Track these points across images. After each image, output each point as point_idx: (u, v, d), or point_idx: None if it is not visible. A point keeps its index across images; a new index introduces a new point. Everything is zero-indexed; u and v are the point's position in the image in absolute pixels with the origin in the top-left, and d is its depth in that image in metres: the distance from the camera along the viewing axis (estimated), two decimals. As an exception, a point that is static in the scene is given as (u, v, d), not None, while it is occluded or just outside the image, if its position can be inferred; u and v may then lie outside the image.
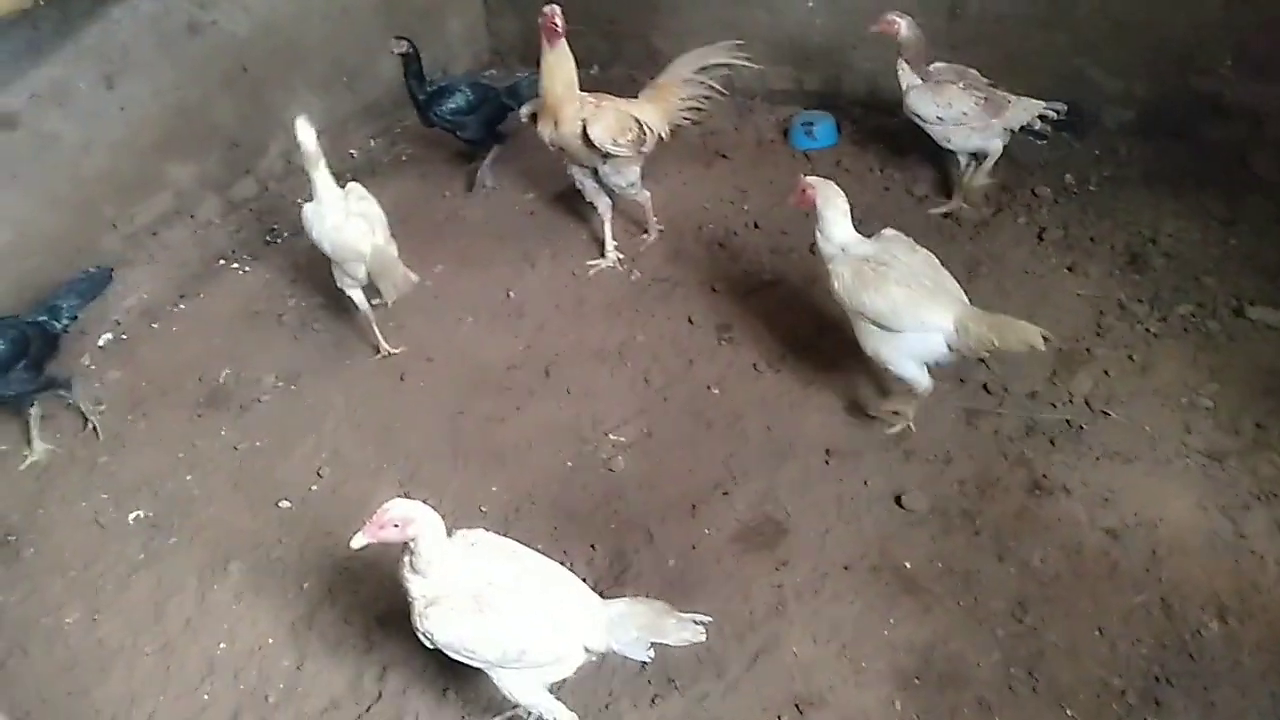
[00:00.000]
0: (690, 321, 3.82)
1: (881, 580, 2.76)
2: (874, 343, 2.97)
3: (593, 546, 2.98)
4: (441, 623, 2.19)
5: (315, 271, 4.32)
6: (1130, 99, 4.28)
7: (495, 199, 4.73)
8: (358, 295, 3.75)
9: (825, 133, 4.67)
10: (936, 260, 3.02)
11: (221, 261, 4.53)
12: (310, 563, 3.06)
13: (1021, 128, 3.91)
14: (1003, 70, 4.40)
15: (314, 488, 3.34)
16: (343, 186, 3.67)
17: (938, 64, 3.99)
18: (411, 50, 4.43)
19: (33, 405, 3.58)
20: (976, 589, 2.70)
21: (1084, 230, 3.94)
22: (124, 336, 4.14)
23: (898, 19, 3.83)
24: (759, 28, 4.87)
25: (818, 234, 3.05)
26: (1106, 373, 3.32)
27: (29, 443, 3.58)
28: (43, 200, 4.14)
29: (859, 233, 3.06)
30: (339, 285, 3.73)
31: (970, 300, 2.97)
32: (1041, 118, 3.87)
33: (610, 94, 3.95)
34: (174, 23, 4.40)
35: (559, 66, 3.73)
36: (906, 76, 3.93)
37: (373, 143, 5.33)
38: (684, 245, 4.24)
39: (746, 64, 4.07)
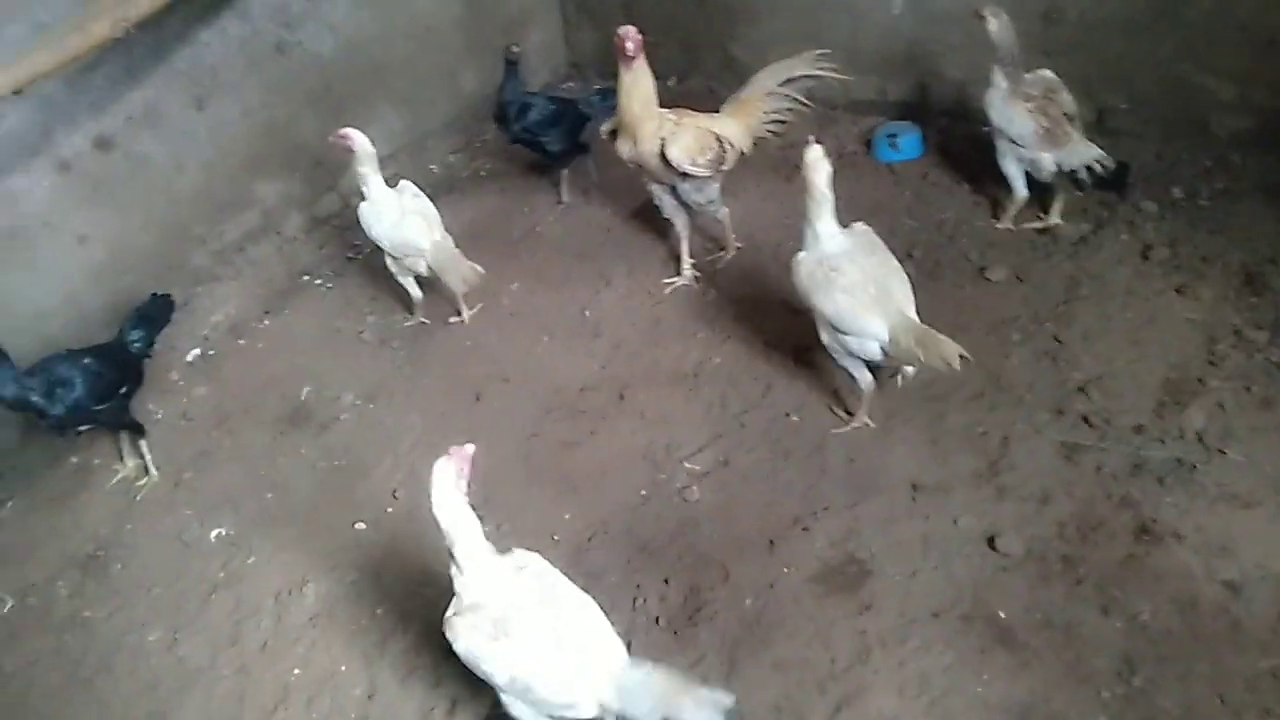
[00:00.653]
0: (768, 344, 3.70)
1: (974, 630, 2.60)
2: (824, 335, 3.15)
3: (666, 581, 2.89)
4: (462, 633, 2.24)
5: (395, 288, 4.36)
6: (1247, 106, 3.99)
7: (572, 215, 4.69)
8: (412, 284, 3.98)
9: (910, 145, 4.49)
10: (894, 263, 3.10)
11: (305, 277, 4.60)
12: (384, 588, 3.06)
13: (1070, 172, 3.73)
14: (1101, 78, 4.19)
15: (390, 510, 3.34)
16: (393, 186, 3.85)
17: (1040, 72, 3.79)
18: (514, 58, 4.43)
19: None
20: (1078, 644, 2.52)
21: (1194, 249, 3.69)
22: (211, 353, 4.23)
23: (986, 13, 3.64)
24: (840, 36, 4.71)
25: (805, 216, 3.09)
26: (1221, 406, 3.09)
27: (120, 457, 3.69)
28: (137, 219, 4.26)
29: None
30: (397, 278, 3.94)
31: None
32: (1089, 169, 3.67)
33: (690, 108, 3.86)
34: (262, 44, 4.49)
35: (635, 85, 3.66)
36: (996, 78, 3.77)
37: (452, 158, 5.35)
38: (762, 263, 4.12)
39: (833, 75, 3.91)
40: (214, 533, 3.38)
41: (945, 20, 4.42)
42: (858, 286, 2.98)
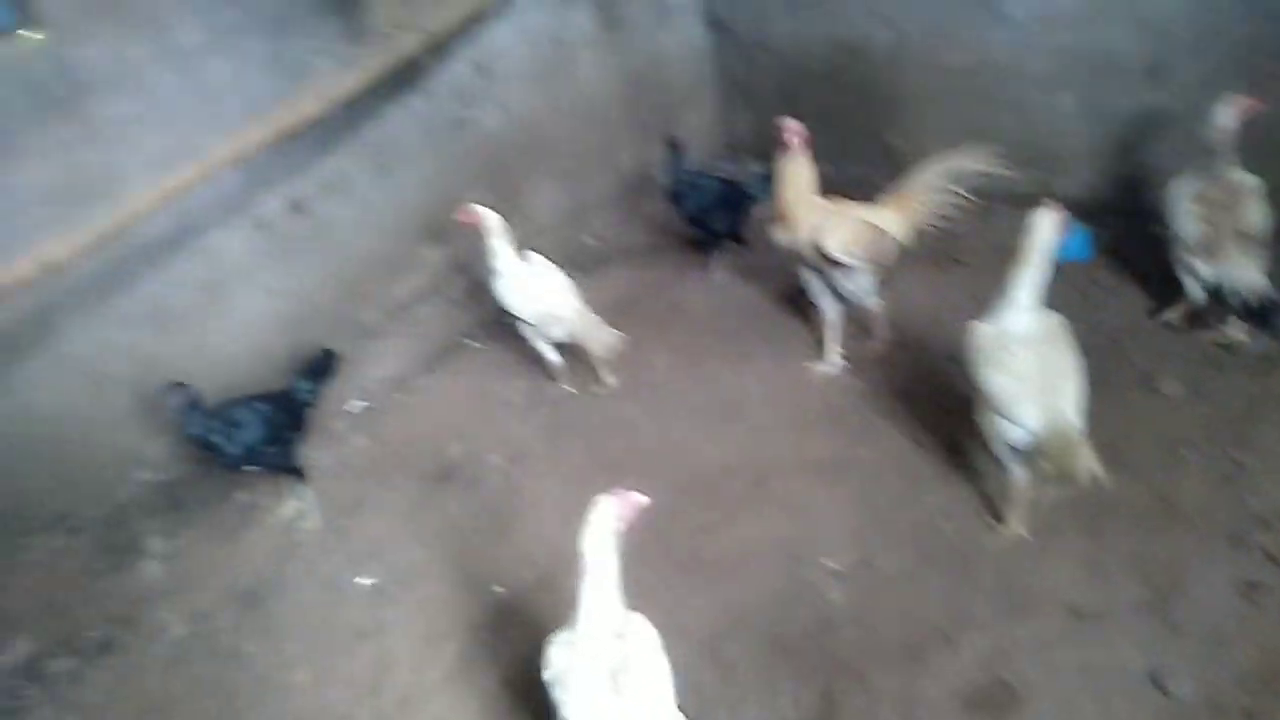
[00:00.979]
0: (918, 442, 3.62)
1: (1135, 778, 2.43)
2: (979, 411, 3.08)
3: (801, 684, 2.83)
4: (547, 658, 2.36)
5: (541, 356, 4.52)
6: None
7: (721, 294, 4.76)
8: (550, 351, 4.17)
9: (1078, 245, 4.34)
10: (1074, 361, 2.93)
11: (464, 339, 4.83)
12: (517, 655, 3.11)
13: (1220, 288, 3.56)
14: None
15: (527, 577, 3.42)
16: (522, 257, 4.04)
17: (1242, 175, 3.59)
18: (675, 139, 4.60)
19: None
20: (1257, 810, 2.31)
21: (1399, 373, 3.40)
22: (372, 406, 4.48)
23: (1234, 106, 3.48)
24: (1006, 130, 4.63)
25: (1005, 282, 2.97)
26: None
27: (280, 499, 3.92)
28: (320, 276, 4.60)
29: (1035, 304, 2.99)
30: (536, 346, 4.11)
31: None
32: (1238, 293, 3.51)
33: (847, 197, 3.88)
34: (441, 120, 4.81)
35: (795, 174, 3.73)
36: (1190, 172, 3.65)
37: (606, 232, 5.54)
38: (914, 357, 4.05)
39: (999, 171, 3.80)
40: (363, 581, 3.54)
41: (1119, 118, 4.30)
42: (1026, 373, 2.88)
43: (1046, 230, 2.89)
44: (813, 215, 3.73)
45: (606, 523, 2.31)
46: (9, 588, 3.82)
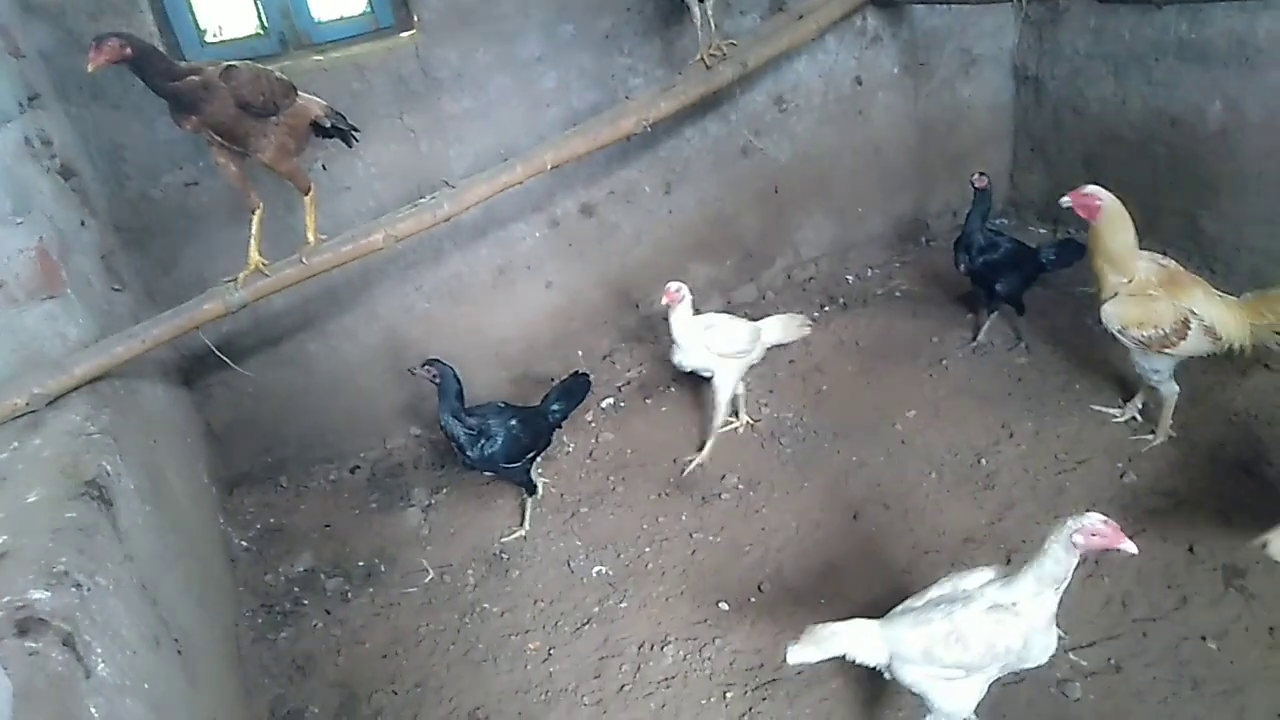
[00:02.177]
0: (1191, 551, 3.33)
1: None
2: None
3: (1028, 776, 2.71)
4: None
5: (791, 388, 4.57)
6: None
7: (983, 357, 4.60)
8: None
9: None
10: None
11: (714, 357, 4.98)
12: (736, 674, 3.19)
13: None
14: None
15: (753, 599, 3.49)
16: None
17: None
18: (986, 188, 4.42)
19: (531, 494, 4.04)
20: None
21: None
22: (622, 404, 4.73)
23: None
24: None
25: None
26: None
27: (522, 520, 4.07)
28: (594, 277, 4.92)
29: None
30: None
31: None
32: None
33: (1195, 274, 3.62)
34: (731, 145, 5.00)
35: (1097, 239, 3.57)
36: None
37: (870, 272, 5.51)
38: (1196, 459, 3.73)
39: None
40: (595, 569, 3.75)
41: None
42: None
43: None
44: (1117, 281, 3.55)
45: (1075, 534, 2.33)
46: (299, 508, 4.39)
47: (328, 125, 3.40)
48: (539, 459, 4.07)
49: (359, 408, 4.63)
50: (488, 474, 3.96)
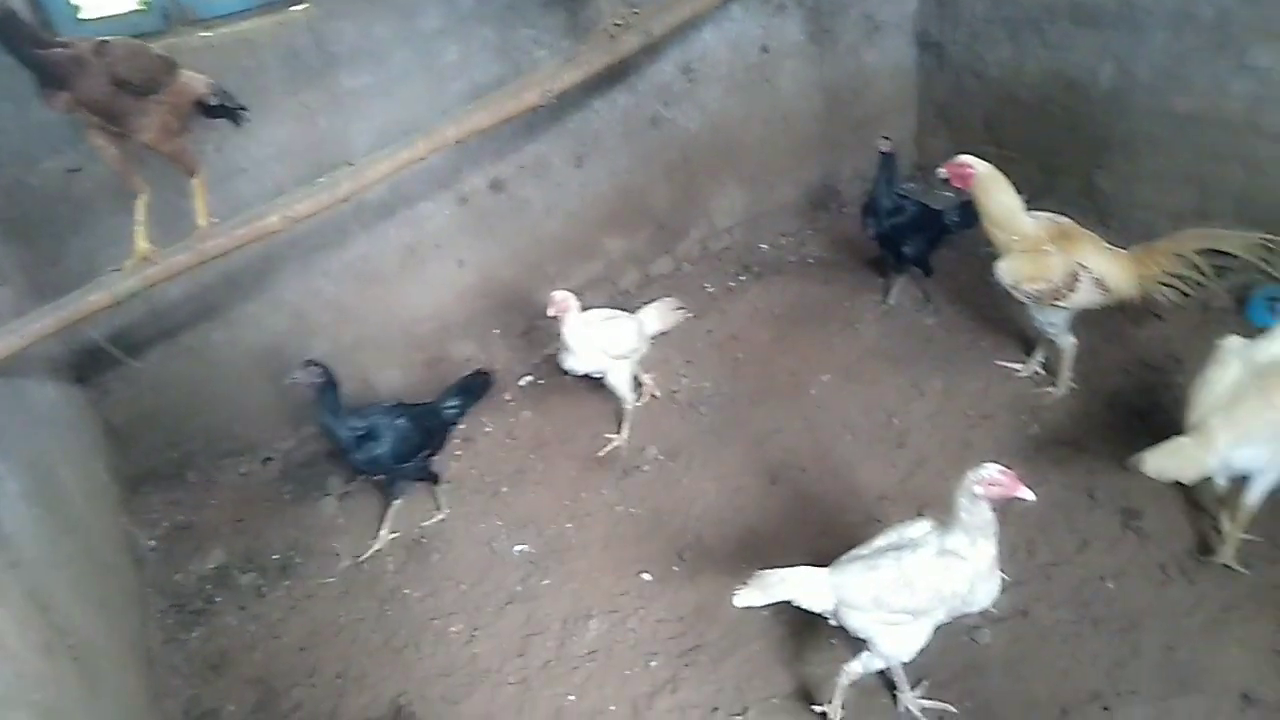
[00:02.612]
0: (1091, 497, 3.47)
1: None
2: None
3: (940, 718, 2.79)
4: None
5: (708, 358, 4.60)
6: None
7: (894, 319, 4.69)
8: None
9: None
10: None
11: (630, 328, 4.97)
12: (660, 643, 3.21)
13: None
14: None
15: (675, 569, 3.51)
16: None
17: None
18: (891, 153, 4.46)
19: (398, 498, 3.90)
20: None
21: None
22: (540, 381, 4.69)
23: None
24: (1230, 183, 4.36)
25: None
26: None
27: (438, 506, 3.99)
28: (506, 252, 4.84)
29: None
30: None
31: None
32: None
33: (1086, 230, 3.72)
34: (640, 116, 4.95)
35: (979, 204, 3.68)
36: None
37: (784, 240, 5.55)
38: (1095, 409, 3.88)
39: (1265, 268, 3.42)
40: (517, 548, 3.73)
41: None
42: (1227, 387, 2.90)
43: None
44: (1007, 239, 3.65)
45: (975, 485, 2.42)
46: (208, 504, 4.25)
47: (214, 104, 3.26)
48: (437, 455, 3.93)
49: (269, 397, 4.47)
50: (378, 477, 3.86)
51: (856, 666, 2.71)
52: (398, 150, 3.52)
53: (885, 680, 2.91)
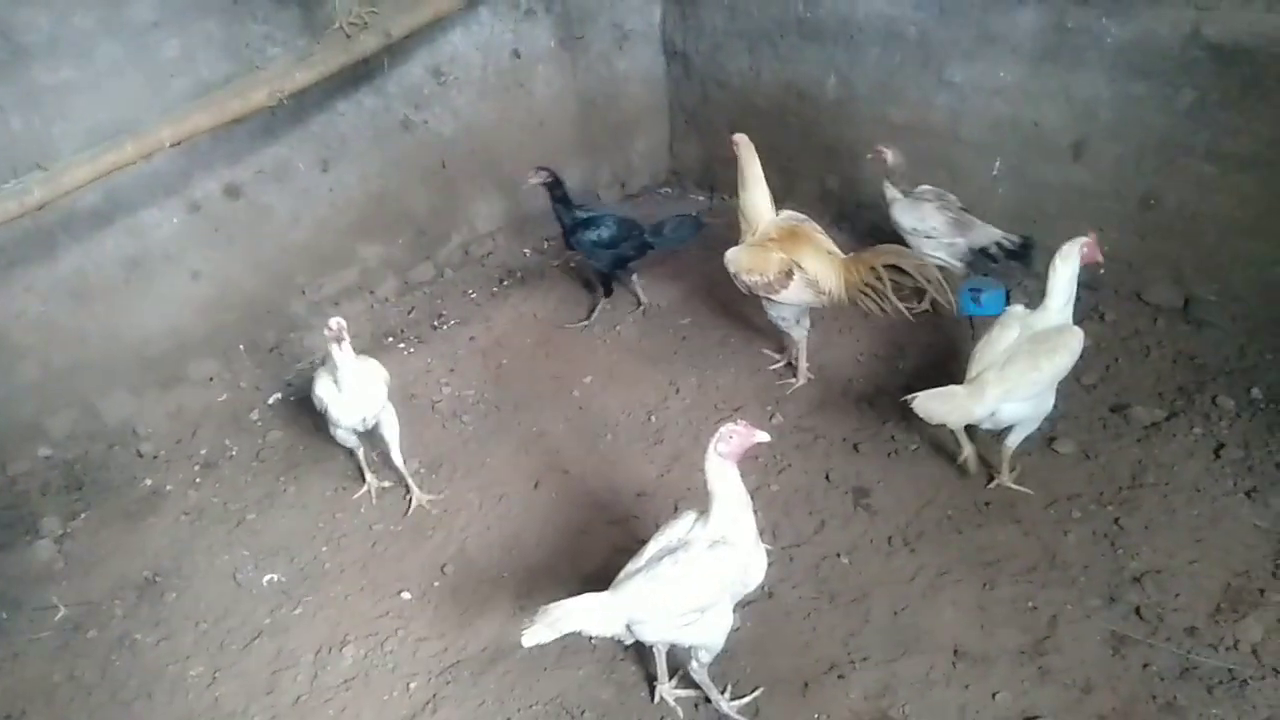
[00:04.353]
0: (827, 479, 3.74)
1: (999, 815, 2.56)
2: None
3: (695, 707, 2.91)
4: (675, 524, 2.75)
5: (470, 365, 4.54)
6: (1339, 319, 3.99)
7: (652, 320, 4.84)
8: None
9: (993, 301, 4.53)
10: (1039, 362, 3.26)
11: (390, 339, 4.82)
12: (420, 663, 3.12)
13: (981, 250, 4.27)
14: (1193, 267, 4.24)
15: (436, 584, 3.43)
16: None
17: (923, 187, 4.38)
18: (553, 179, 4.58)
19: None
20: None
21: (1269, 454, 3.64)
22: (292, 399, 4.43)
23: (885, 150, 4.37)
24: (939, 187, 4.86)
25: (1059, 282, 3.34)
26: (1281, 622, 3.03)
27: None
28: (248, 263, 4.54)
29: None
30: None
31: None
32: (999, 244, 4.22)
33: (819, 233, 3.99)
34: (390, 119, 4.81)
35: (737, 184, 4.04)
36: (890, 191, 4.38)
37: (546, 244, 5.58)
38: (830, 397, 4.19)
39: (940, 297, 3.78)
40: (266, 578, 3.50)
41: (1040, 189, 4.54)
42: (998, 347, 3.34)
43: (1076, 253, 3.30)
44: (745, 227, 3.99)
45: (717, 445, 2.54)
46: (-111, 558, 3.67)
47: None
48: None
49: (-34, 432, 3.95)
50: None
51: (695, 664, 2.75)
52: (102, 153, 3.20)
53: (649, 674, 2.99)
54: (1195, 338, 4.23)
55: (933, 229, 4.28)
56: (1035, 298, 3.51)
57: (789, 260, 3.84)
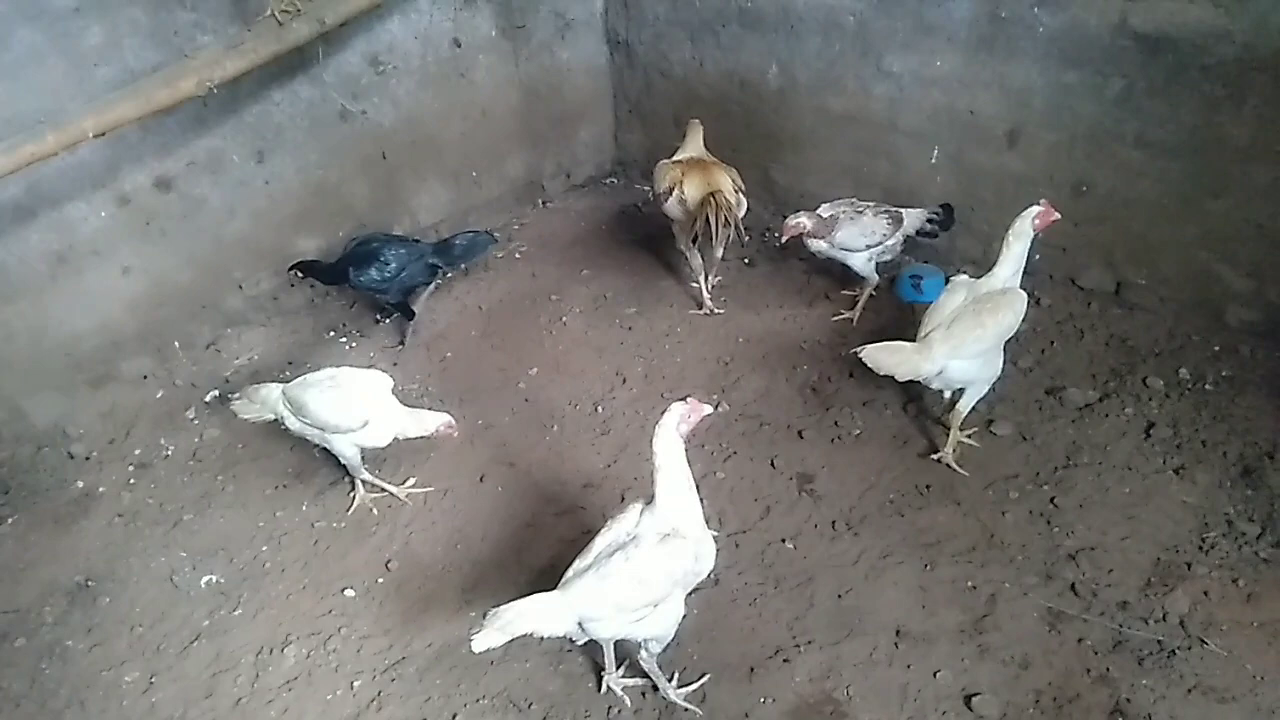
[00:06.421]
0: (773, 466, 3.77)
1: (940, 791, 2.61)
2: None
3: (643, 695, 2.91)
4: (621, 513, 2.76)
5: (414, 358, 4.48)
6: (1259, 300, 4.12)
7: (600, 311, 4.82)
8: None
9: (932, 288, 4.62)
10: (984, 321, 3.37)
11: (331, 334, 4.73)
12: (363, 661, 3.08)
13: (917, 232, 4.44)
14: (1124, 252, 4.35)
15: (380, 580, 3.38)
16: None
17: (823, 206, 4.40)
18: (303, 271, 4.52)
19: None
20: (1042, 821, 2.52)
21: (1196, 432, 3.77)
22: (231, 395, 4.30)
23: (797, 222, 4.31)
24: (879, 175, 4.93)
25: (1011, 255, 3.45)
26: (1206, 594, 3.12)
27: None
28: (182, 257, 4.42)
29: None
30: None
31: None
32: (929, 220, 4.43)
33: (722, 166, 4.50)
34: (327, 109, 4.70)
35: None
36: (828, 238, 4.36)
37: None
38: (776, 384, 4.22)
39: (733, 228, 4.32)
40: (204, 579, 3.42)
41: (977, 175, 4.62)
42: (948, 307, 3.48)
43: (1029, 226, 3.41)
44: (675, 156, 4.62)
45: (673, 423, 2.58)
46: None
47: None
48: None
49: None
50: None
51: (644, 654, 2.76)
52: (21, 144, 3.08)
53: (596, 664, 2.99)
54: (1127, 320, 4.36)
55: (883, 235, 4.34)
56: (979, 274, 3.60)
57: (678, 178, 4.38)
